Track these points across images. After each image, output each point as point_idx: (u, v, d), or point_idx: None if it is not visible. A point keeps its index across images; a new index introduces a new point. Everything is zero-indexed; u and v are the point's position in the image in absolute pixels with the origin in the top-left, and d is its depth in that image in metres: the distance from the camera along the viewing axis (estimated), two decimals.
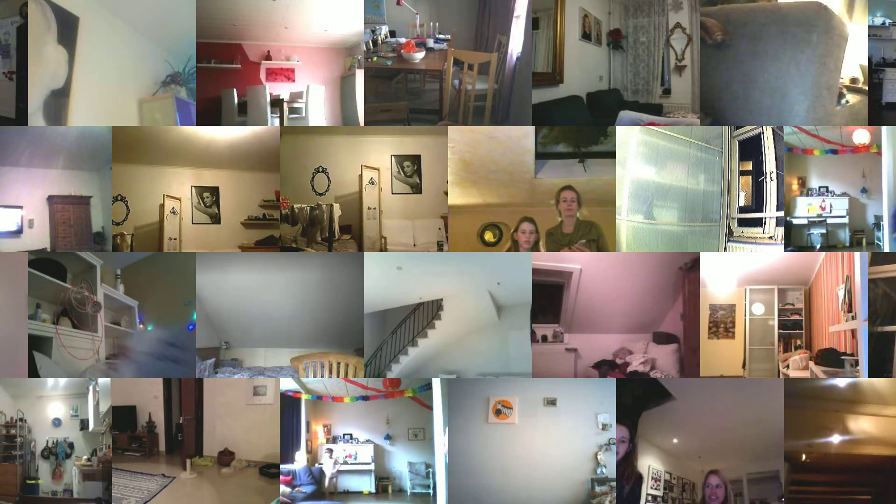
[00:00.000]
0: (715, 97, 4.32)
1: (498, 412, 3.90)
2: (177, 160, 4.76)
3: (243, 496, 4.06)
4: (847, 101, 4.31)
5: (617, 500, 3.81)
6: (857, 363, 3.88)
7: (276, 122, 4.70)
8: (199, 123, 4.21)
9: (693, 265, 4.08)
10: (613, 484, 3.79)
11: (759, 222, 4.16)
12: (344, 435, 4.54)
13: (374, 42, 4.57)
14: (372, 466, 4.50)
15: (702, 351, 4.08)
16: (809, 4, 4.20)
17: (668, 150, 4.16)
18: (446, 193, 4.13)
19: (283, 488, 4.06)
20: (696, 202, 4.20)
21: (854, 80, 4.35)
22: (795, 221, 4.35)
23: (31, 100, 3.87)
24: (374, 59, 4.42)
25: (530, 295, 3.93)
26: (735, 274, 4.21)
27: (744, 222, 4.20)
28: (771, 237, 4.09)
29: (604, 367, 4.16)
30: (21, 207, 4.15)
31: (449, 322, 4.74)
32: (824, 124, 4.09)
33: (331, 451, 4.42)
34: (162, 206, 4.82)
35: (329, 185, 4.85)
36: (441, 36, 4.88)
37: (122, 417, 4.33)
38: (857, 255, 3.89)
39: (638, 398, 3.94)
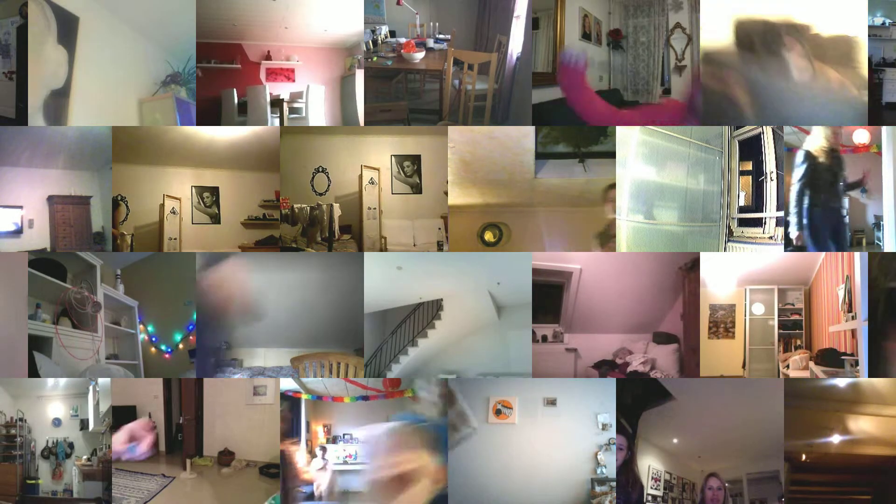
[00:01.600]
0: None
1: (498, 412, 3.90)
2: (177, 160, 4.75)
3: (243, 496, 4.06)
4: None
5: (617, 500, 3.81)
6: (857, 363, 3.88)
7: (276, 122, 4.70)
8: (199, 123, 4.21)
9: (693, 265, 4.08)
10: (613, 484, 3.79)
11: (759, 222, 4.16)
12: (344, 435, 4.54)
13: (374, 42, 4.57)
14: None
15: (702, 351, 4.08)
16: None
17: (668, 150, 4.16)
18: (446, 193, 4.13)
19: None
20: (696, 202, 4.20)
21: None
22: None
23: (31, 100, 3.87)
24: (374, 59, 4.42)
25: (530, 295, 3.93)
26: (735, 274, 4.21)
27: (744, 222, 4.20)
28: (771, 237, 4.09)
29: (604, 367, 4.16)
30: (21, 207, 4.16)
31: (449, 322, 4.74)
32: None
33: (324, 449, 4.39)
34: (162, 206, 4.82)
35: (329, 185, 4.85)
36: (441, 36, 4.88)
37: (122, 417, 4.32)
38: (857, 255, 3.90)
39: (638, 398, 3.95)
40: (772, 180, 4.07)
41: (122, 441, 3.69)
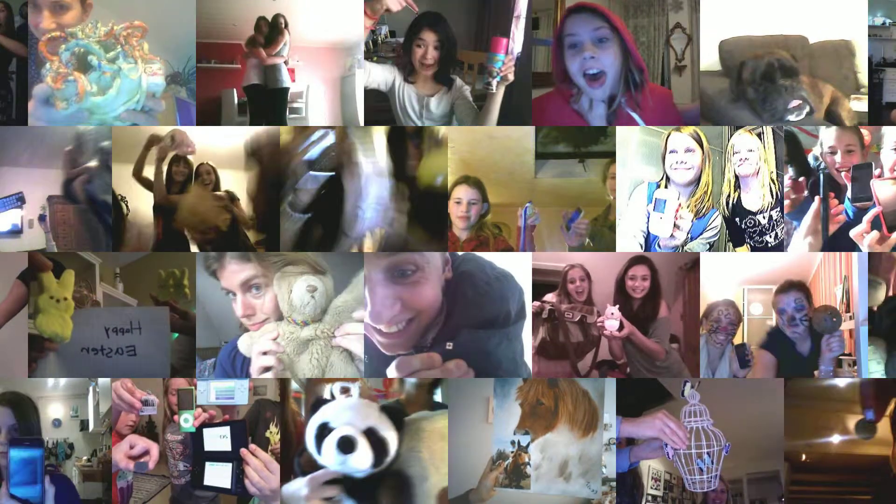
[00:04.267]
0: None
1: None
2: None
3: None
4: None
5: (618, 500, 3.82)
6: (854, 363, 3.89)
7: None
8: (199, 123, 4.21)
9: (693, 265, 4.08)
10: (613, 484, 3.79)
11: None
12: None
13: (374, 42, 4.56)
14: None
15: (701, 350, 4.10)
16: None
17: (661, 149, 4.16)
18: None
19: None
20: None
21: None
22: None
23: (31, 100, 3.87)
24: (375, 59, 4.41)
25: (530, 295, 3.93)
26: (734, 274, 4.21)
27: None
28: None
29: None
30: (21, 208, 4.15)
31: None
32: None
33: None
34: None
35: None
36: None
37: None
38: (855, 255, 3.90)
39: (638, 398, 3.95)
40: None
41: (127, 456, 3.69)
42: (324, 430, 3.47)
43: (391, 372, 3.42)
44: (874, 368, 3.91)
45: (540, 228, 4.18)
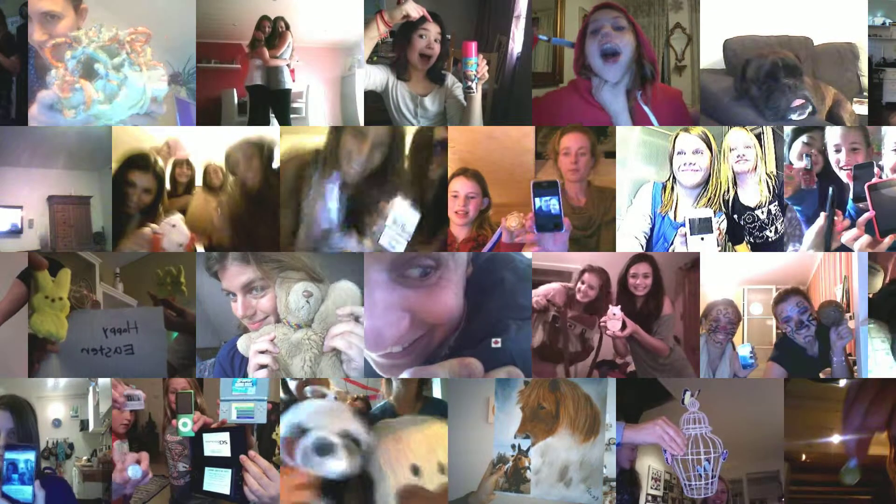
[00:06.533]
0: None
1: None
2: None
3: None
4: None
5: (618, 500, 3.82)
6: (855, 363, 3.89)
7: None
8: (199, 123, 4.21)
9: (693, 265, 4.08)
10: (613, 484, 3.79)
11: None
12: None
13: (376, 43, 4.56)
14: None
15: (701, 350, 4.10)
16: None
17: (669, 149, 4.16)
18: None
19: None
20: None
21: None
22: None
23: (34, 104, 3.87)
24: (375, 59, 4.42)
25: (530, 295, 3.93)
26: (734, 274, 4.21)
27: None
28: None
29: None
30: (21, 207, 4.16)
31: None
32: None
33: None
34: None
35: None
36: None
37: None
38: (854, 255, 3.90)
39: (638, 398, 3.95)
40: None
41: (122, 468, 3.71)
42: (298, 432, 3.49)
43: (406, 374, 3.37)
44: (877, 348, 3.91)
45: None
